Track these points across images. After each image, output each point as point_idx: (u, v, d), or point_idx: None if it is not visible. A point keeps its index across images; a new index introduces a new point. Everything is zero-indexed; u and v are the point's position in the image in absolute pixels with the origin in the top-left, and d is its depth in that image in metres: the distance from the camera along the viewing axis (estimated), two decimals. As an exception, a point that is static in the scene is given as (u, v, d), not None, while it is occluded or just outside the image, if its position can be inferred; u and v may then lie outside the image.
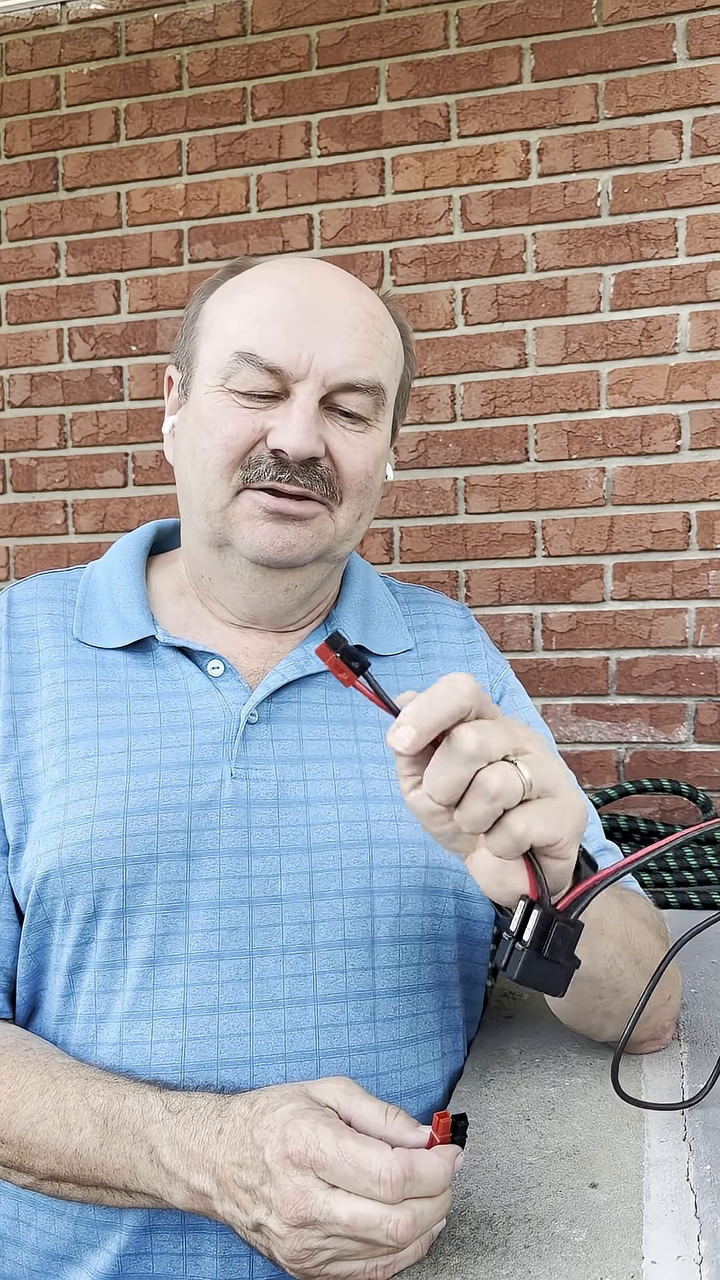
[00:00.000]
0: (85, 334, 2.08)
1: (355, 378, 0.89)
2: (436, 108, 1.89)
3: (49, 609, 0.98)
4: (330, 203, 1.94)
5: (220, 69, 1.99)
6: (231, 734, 0.90)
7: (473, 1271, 0.65)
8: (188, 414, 0.94)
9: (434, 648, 1.02)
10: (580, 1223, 0.69)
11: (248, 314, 0.90)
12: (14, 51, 2.11)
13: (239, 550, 0.91)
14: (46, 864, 0.85)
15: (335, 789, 0.89)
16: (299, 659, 0.94)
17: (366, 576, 1.05)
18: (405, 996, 0.88)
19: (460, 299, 1.89)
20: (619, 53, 1.80)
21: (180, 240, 2.02)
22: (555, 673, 1.85)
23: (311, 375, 0.88)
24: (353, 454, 0.91)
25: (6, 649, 0.95)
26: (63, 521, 2.11)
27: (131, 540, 1.04)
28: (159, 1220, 0.81)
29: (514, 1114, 0.84)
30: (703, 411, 1.78)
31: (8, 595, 1.00)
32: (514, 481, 1.87)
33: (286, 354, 0.87)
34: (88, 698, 0.91)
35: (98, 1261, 0.83)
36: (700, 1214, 0.70)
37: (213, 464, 0.89)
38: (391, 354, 0.94)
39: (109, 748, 0.89)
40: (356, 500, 0.92)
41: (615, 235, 1.81)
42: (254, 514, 0.89)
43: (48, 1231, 0.85)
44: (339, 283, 0.93)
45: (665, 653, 1.80)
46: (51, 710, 0.91)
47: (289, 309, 0.89)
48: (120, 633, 0.95)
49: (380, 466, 0.95)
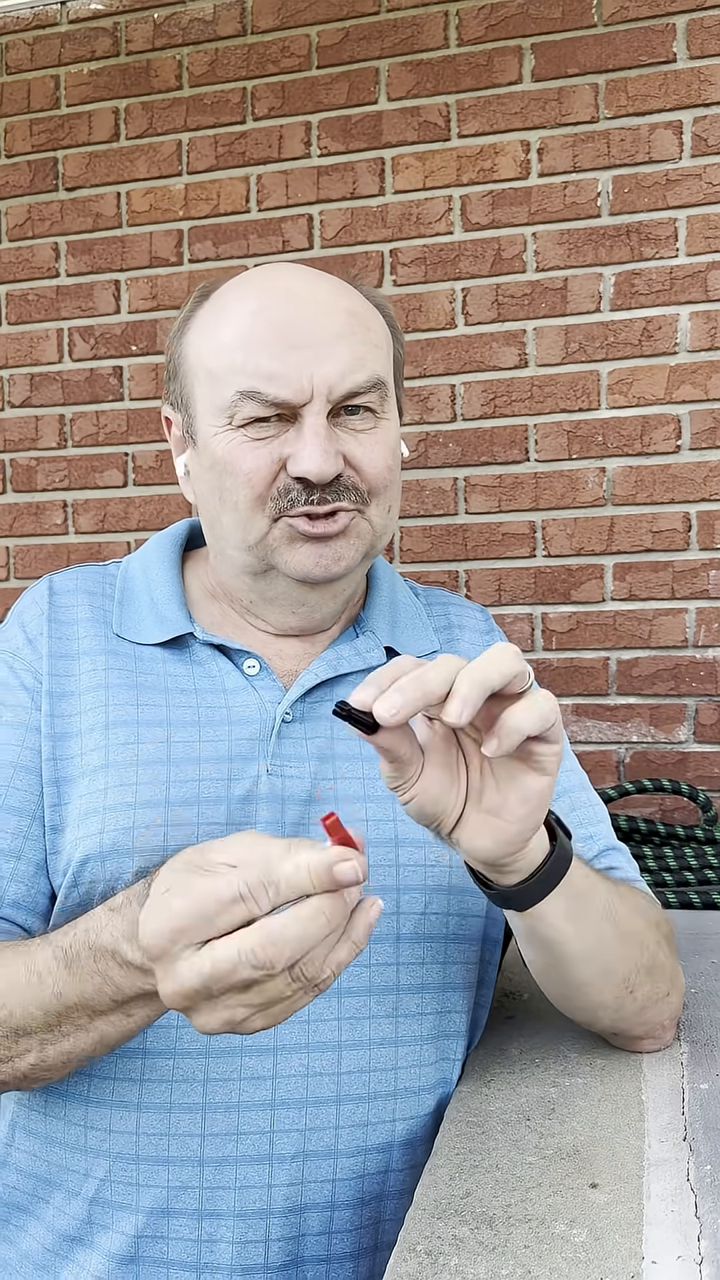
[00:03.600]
0: (85, 334, 2.08)
1: (355, 384, 0.89)
2: (436, 108, 1.89)
3: (89, 601, 0.99)
4: (330, 203, 1.94)
5: (220, 69, 1.99)
6: (268, 731, 0.91)
7: (473, 1271, 0.65)
8: (201, 458, 0.94)
9: (459, 647, 1.04)
10: (580, 1223, 0.69)
11: (235, 348, 0.89)
12: (14, 51, 2.11)
13: (284, 573, 0.92)
14: (86, 848, 0.86)
15: (364, 788, 0.91)
16: (331, 659, 0.96)
17: (392, 579, 1.07)
18: (430, 993, 0.90)
19: (460, 299, 1.88)
20: (619, 53, 1.80)
21: (180, 240, 2.02)
22: (555, 673, 1.85)
23: (315, 396, 0.88)
24: (370, 455, 0.91)
25: (48, 633, 0.96)
26: (63, 521, 2.11)
27: (167, 537, 1.05)
28: (176, 1204, 0.83)
29: (514, 1114, 0.84)
30: (703, 411, 1.78)
31: (49, 583, 1.01)
32: (514, 481, 1.87)
33: (285, 383, 0.87)
34: (128, 686, 0.93)
35: (111, 1243, 0.83)
36: (700, 1214, 0.70)
37: (243, 503, 0.90)
38: (382, 344, 0.94)
39: (149, 736, 0.90)
40: (384, 495, 0.93)
41: (615, 235, 1.81)
42: (294, 538, 0.90)
43: (63, 1211, 0.86)
44: (313, 291, 0.92)
45: (665, 653, 1.80)
46: (91, 695, 0.92)
47: (272, 336, 0.88)
48: (159, 629, 0.96)
49: (397, 454, 0.95)
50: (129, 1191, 0.83)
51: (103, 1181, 0.84)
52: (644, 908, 0.91)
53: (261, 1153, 0.83)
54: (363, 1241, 0.86)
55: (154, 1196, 0.83)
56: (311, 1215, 0.84)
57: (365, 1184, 0.85)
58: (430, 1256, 0.67)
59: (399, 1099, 0.87)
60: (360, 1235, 0.85)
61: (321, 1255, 0.84)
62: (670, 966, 0.91)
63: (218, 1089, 0.83)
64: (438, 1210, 0.72)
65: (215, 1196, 0.82)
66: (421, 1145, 0.87)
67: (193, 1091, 0.83)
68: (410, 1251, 0.67)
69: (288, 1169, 0.83)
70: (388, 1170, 0.86)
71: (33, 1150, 0.89)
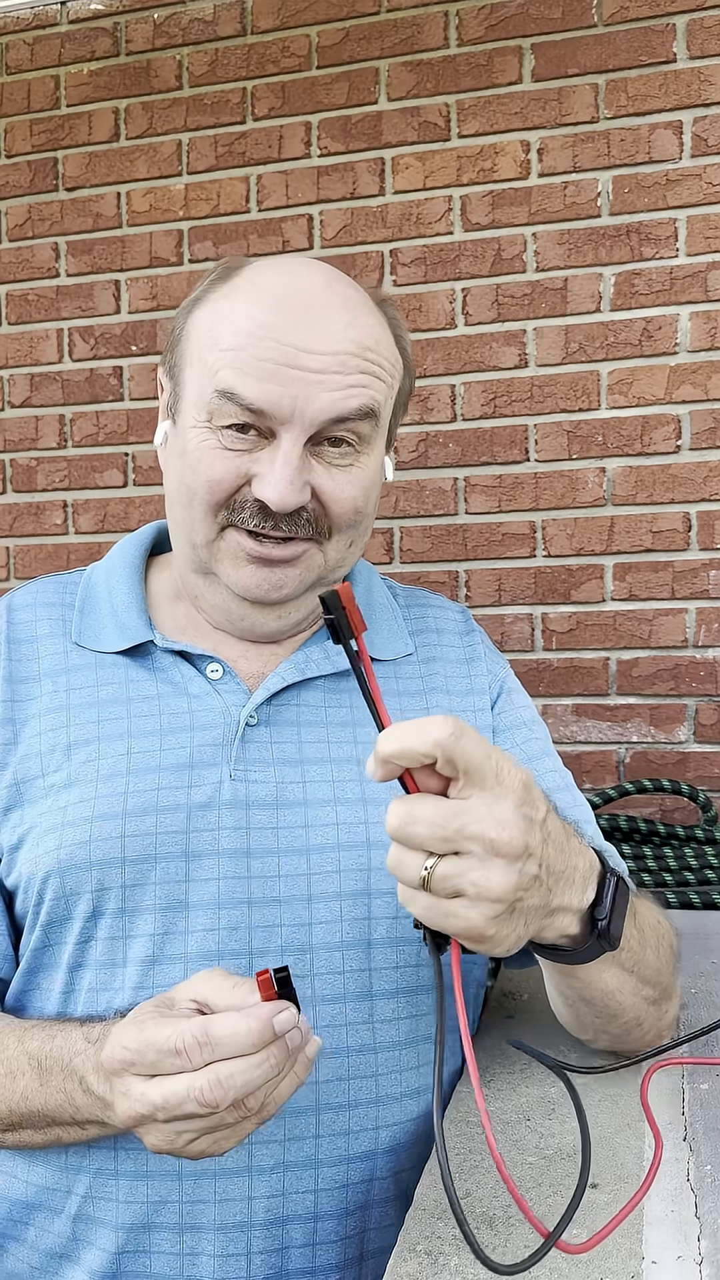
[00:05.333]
0: (85, 334, 2.08)
1: (343, 411, 0.86)
2: (436, 108, 1.89)
3: (49, 614, 0.98)
4: (330, 203, 1.94)
5: (220, 69, 1.99)
6: (230, 736, 0.90)
7: (472, 1271, 0.65)
8: (175, 440, 0.93)
9: (434, 651, 1.02)
10: (580, 1223, 0.69)
11: (231, 348, 0.86)
12: (14, 51, 2.11)
13: (224, 584, 0.91)
14: (46, 864, 0.85)
15: (334, 790, 0.89)
16: (299, 662, 0.94)
17: (369, 579, 1.05)
18: (404, 998, 0.88)
19: (460, 299, 1.88)
20: (619, 53, 1.80)
21: (180, 240, 2.02)
22: (555, 673, 1.85)
23: (296, 420, 0.85)
24: (340, 492, 0.89)
25: (6, 656, 0.95)
26: (63, 521, 2.11)
27: (131, 542, 1.04)
28: (156, 1219, 0.82)
29: (514, 1114, 0.84)
30: (703, 411, 1.78)
31: (7, 602, 1.00)
32: (514, 481, 1.87)
33: (267, 397, 0.85)
34: (89, 704, 0.91)
35: (94, 1260, 0.83)
36: (700, 1214, 0.70)
37: (198, 502, 0.89)
38: (387, 376, 0.91)
39: (109, 751, 0.89)
40: (346, 533, 0.91)
41: (615, 235, 1.81)
42: (237, 554, 0.89)
43: (46, 1230, 0.85)
44: (327, 309, 0.87)
45: (665, 653, 1.80)
46: (52, 716, 0.91)
47: (271, 349, 0.85)
48: (119, 637, 0.95)
49: (371, 494, 0.93)
50: (109, 1207, 0.82)
51: (84, 1198, 0.84)
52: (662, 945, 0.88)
53: (240, 1165, 0.82)
54: (348, 1252, 0.84)
55: (135, 1211, 0.82)
56: (294, 1227, 0.82)
57: (349, 1193, 0.84)
58: (430, 1256, 0.66)
59: (381, 1105, 0.86)
60: (346, 1246, 0.84)
61: (306, 1267, 0.83)
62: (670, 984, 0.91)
63: None
64: (438, 1210, 0.72)
65: (195, 1210, 0.82)
66: (406, 1151, 0.86)
67: None
68: (410, 1251, 0.67)
69: (268, 1180, 0.82)
70: (372, 1179, 0.85)
71: (13, 1171, 0.88)
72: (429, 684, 0.99)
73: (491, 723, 0.99)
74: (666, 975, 0.87)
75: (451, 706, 0.98)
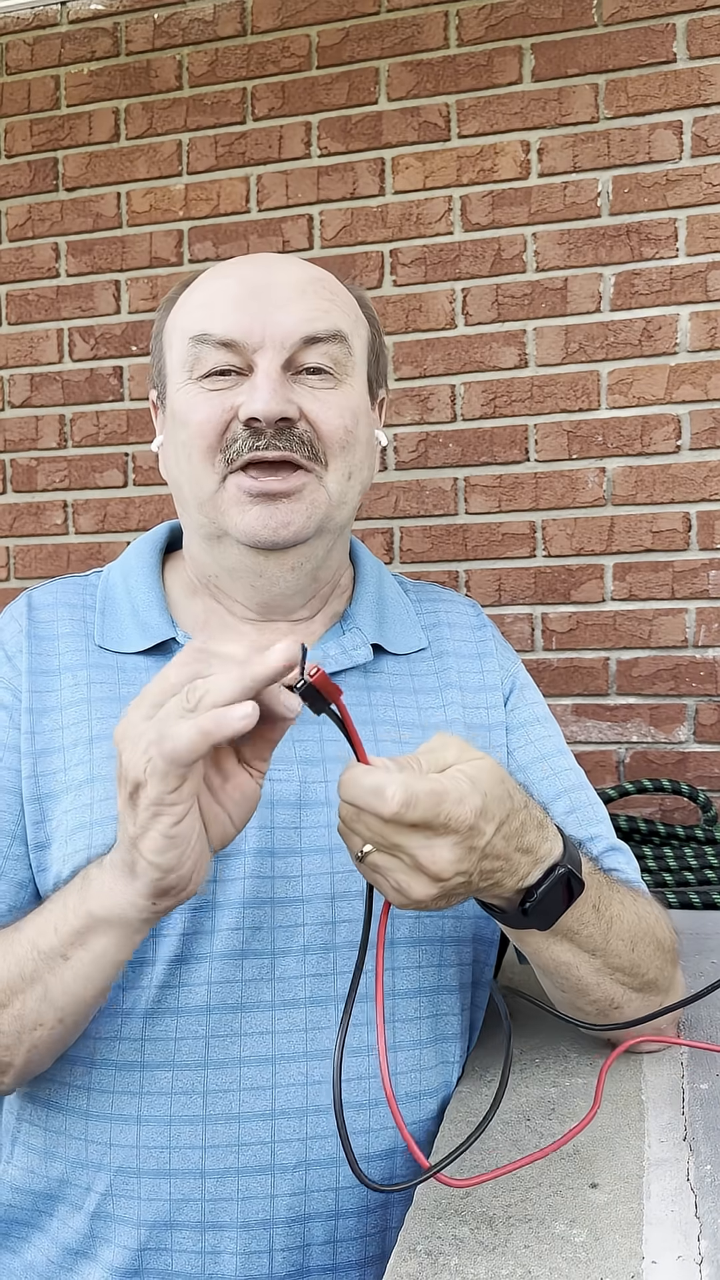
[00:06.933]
0: (85, 334, 2.08)
1: (313, 330, 0.90)
2: (436, 108, 1.89)
3: (69, 614, 0.98)
4: (330, 203, 1.94)
5: (220, 69, 1.99)
6: None
7: (473, 1271, 0.65)
8: (168, 420, 0.95)
9: (447, 645, 1.03)
10: (580, 1223, 0.69)
11: (198, 306, 0.93)
12: (14, 51, 2.11)
13: (234, 537, 0.91)
14: (75, 863, 0.85)
15: None
16: (317, 658, 0.95)
17: (379, 574, 1.05)
18: (426, 997, 0.89)
19: (460, 299, 1.89)
20: (619, 53, 1.80)
21: (180, 240, 2.02)
22: (555, 673, 1.85)
23: (268, 343, 0.89)
24: (327, 411, 0.91)
25: (27, 649, 0.95)
26: (63, 521, 2.11)
27: (146, 541, 1.05)
28: (178, 1217, 0.82)
29: (514, 1114, 0.84)
30: (703, 411, 1.78)
31: (28, 598, 1.00)
32: (514, 481, 1.87)
33: (238, 326, 0.89)
34: (110, 699, 0.92)
35: (115, 1257, 0.83)
36: (700, 1214, 0.70)
37: (195, 452, 0.90)
38: (348, 310, 0.95)
39: None
40: (341, 458, 0.92)
41: (615, 235, 1.81)
42: (240, 499, 0.90)
43: (66, 1224, 0.86)
44: (286, 261, 0.95)
45: (665, 653, 1.80)
46: (74, 710, 0.91)
47: (234, 289, 0.91)
48: (141, 637, 0.95)
49: (361, 422, 0.94)
50: (131, 1205, 0.83)
51: (104, 1195, 0.83)
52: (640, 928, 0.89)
53: (263, 1163, 0.82)
54: (369, 1249, 0.85)
55: (156, 1209, 0.82)
56: (316, 1224, 0.83)
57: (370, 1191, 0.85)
58: (430, 1256, 0.67)
59: (401, 1104, 0.86)
60: (366, 1243, 0.85)
61: (327, 1265, 0.83)
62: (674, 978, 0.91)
63: (217, 1100, 0.83)
64: (438, 1210, 0.72)
65: (218, 1208, 0.82)
66: (425, 1149, 0.87)
67: (192, 1104, 0.83)
68: (410, 1251, 0.67)
69: (290, 1179, 0.83)
70: (392, 1177, 0.86)
71: (31, 1166, 0.88)
72: (444, 680, 0.99)
73: (505, 719, 1.00)
74: (650, 968, 0.88)
75: (465, 703, 0.98)
